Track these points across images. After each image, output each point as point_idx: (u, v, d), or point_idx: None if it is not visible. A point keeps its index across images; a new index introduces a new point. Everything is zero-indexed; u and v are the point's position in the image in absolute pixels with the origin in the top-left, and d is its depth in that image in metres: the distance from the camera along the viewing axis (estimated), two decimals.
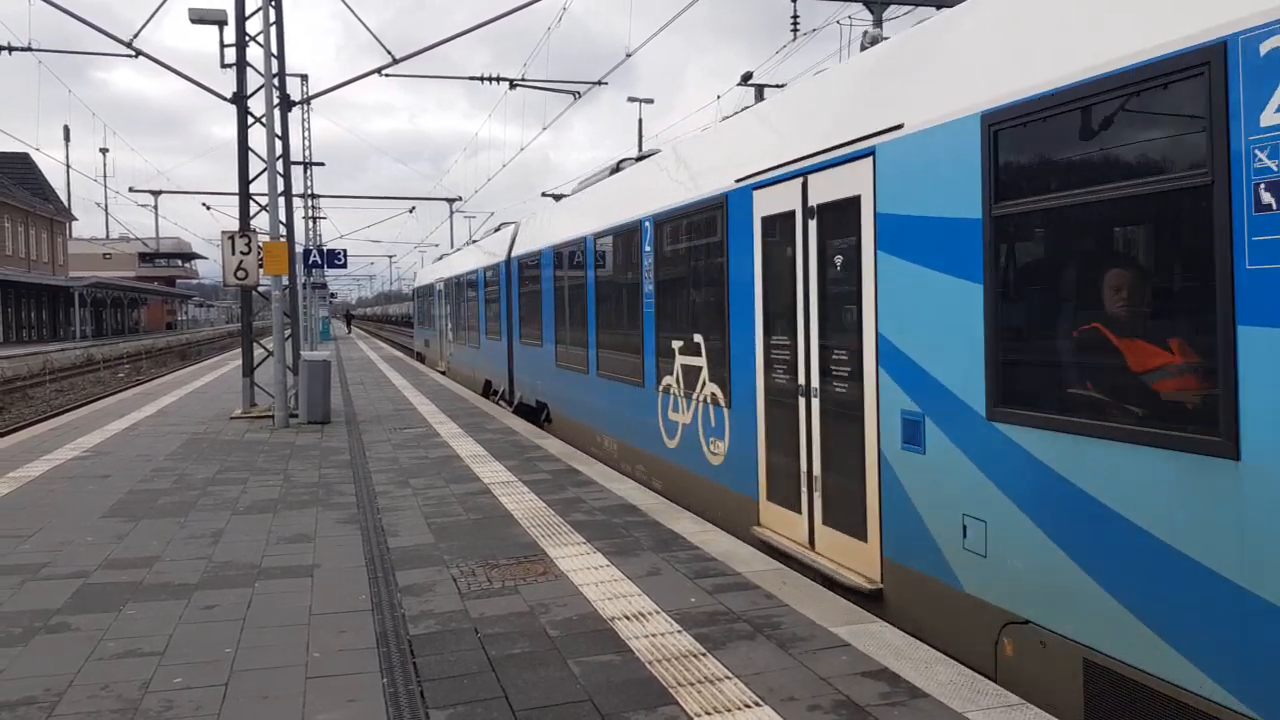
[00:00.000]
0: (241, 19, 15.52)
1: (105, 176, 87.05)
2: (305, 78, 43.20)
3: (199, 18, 15.03)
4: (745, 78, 14.95)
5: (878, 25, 15.39)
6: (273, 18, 15.04)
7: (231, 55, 15.56)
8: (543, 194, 24.51)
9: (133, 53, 16.19)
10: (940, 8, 12.03)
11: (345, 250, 28.25)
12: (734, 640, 5.03)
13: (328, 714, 4.24)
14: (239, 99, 15.78)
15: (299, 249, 23.41)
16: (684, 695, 4.34)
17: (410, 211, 50.23)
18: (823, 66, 9.58)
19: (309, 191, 40.49)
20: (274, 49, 15.17)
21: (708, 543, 7.10)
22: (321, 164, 40.70)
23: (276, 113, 15.27)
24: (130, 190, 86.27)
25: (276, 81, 15.47)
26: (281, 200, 15.51)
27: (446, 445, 12.46)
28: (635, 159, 12.45)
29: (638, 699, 4.31)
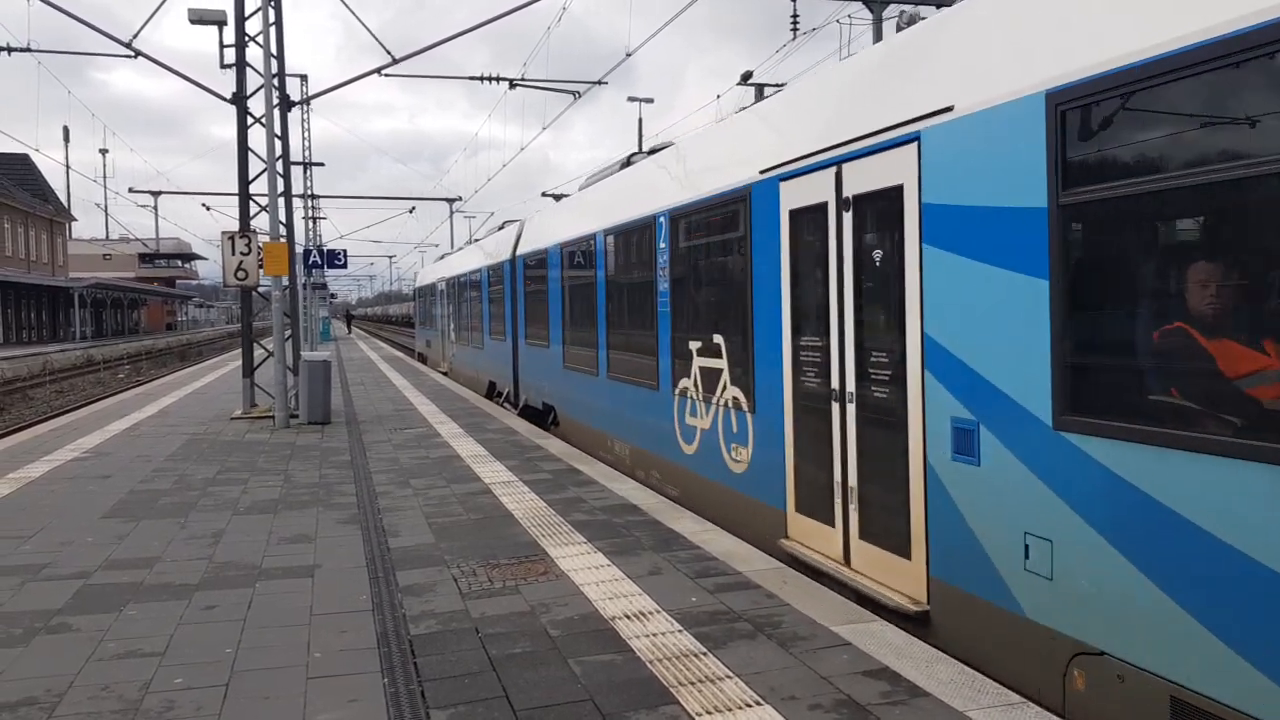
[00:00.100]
0: (241, 19, 15.52)
1: (105, 177, 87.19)
2: (305, 78, 43.37)
3: (198, 18, 15.03)
4: (745, 77, 14.97)
5: (877, 24, 15.40)
6: (272, 18, 15.04)
7: (231, 55, 15.56)
8: (543, 194, 24.54)
9: (132, 53, 16.20)
10: (940, 7, 12.03)
11: (345, 250, 28.29)
12: (735, 639, 5.03)
13: (329, 714, 4.24)
14: (239, 99, 15.78)
15: (299, 249, 23.41)
16: (685, 694, 4.34)
17: (410, 212, 50.31)
18: (822, 66, 9.55)
19: (309, 192, 40.51)
20: (274, 49, 15.17)
21: (708, 542, 7.10)
22: (321, 164, 40.82)
23: (276, 113, 15.27)
24: (130, 191, 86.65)
25: (276, 82, 15.47)
26: (281, 200, 15.51)
27: (447, 445, 12.46)
28: (647, 152, 11.86)
29: (639, 698, 4.31)
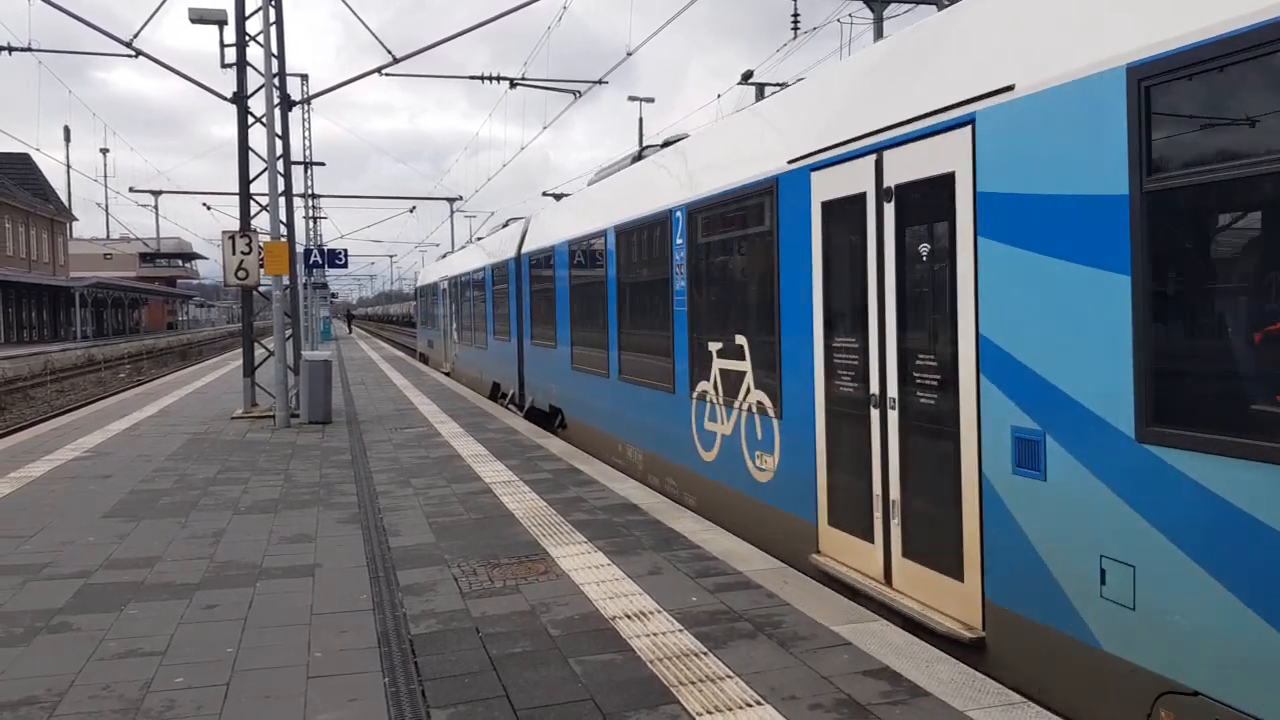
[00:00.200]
0: (241, 19, 15.53)
1: (105, 177, 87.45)
2: (305, 77, 43.46)
3: (199, 18, 15.04)
4: (746, 76, 14.94)
5: (878, 23, 15.40)
6: (273, 18, 15.04)
7: (231, 55, 15.58)
8: (544, 193, 24.56)
9: (133, 53, 16.22)
10: (940, 7, 12.02)
11: (346, 250, 28.25)
12: (735, 639, 5.04)
13: (329, 713, 4.24)
14: (239, 99, 15.79)
15: (299, 249, 23.40)
16: (685, 694, 4.34)
17: (411, 211, 50.39)
18: (823, 65, 9.52)
19: (309, 191, 40.59)
20: (274, 49, 15.17)
21: (709, 542, 7.10)
22: (322, 164, 41.02)
23: (277, 112, 15.27)
24: (130, 190, 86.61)
25: (276, 81, 15.47)
26: (282, 200, 15.51)
27: (448, 445, 12.46)
28: (660, 145, 11.24)
29: (639, 698, 4.31)
